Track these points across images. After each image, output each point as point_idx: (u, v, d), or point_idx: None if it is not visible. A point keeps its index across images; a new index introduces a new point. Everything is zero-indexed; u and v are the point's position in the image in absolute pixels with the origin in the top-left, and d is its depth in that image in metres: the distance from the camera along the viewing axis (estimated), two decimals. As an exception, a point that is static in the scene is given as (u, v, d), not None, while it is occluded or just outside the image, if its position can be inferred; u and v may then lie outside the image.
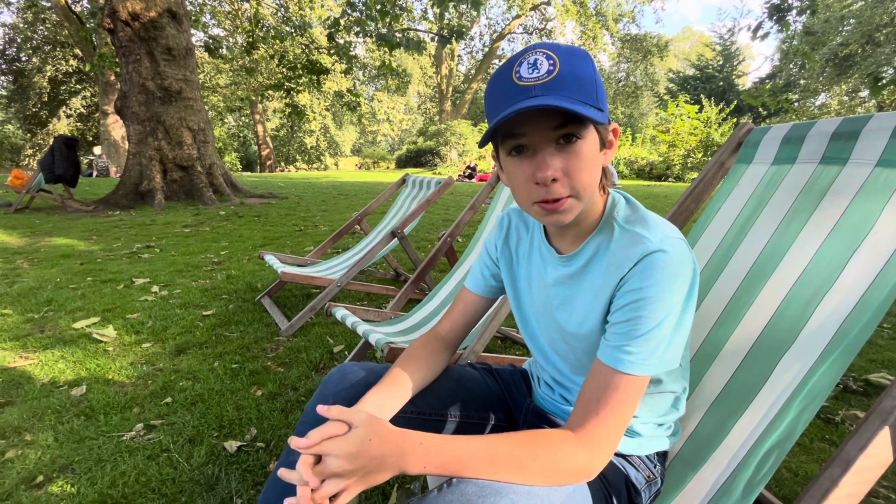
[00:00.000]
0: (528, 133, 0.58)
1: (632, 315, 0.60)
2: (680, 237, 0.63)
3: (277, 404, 1.55)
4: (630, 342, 0.59)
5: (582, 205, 0.62)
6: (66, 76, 21.33)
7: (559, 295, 0.71)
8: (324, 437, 0.54)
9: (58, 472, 1.23)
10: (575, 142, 0.58)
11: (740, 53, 25.46)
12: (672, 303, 0.59)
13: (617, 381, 0.60)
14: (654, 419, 0.74)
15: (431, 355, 0.80)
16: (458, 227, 2.16)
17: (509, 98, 0.56)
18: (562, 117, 0.56)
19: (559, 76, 0.55)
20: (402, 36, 6.67)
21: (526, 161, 0.59)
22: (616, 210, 0.68)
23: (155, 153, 6.66)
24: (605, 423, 0.59)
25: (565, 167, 0.58)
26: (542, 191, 0.59)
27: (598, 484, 0.65)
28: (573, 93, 0.55)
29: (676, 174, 14.24)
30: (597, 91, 0.58)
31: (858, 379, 1.74)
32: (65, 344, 2.02)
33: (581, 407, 0.61)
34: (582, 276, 0.68)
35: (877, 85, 4.52)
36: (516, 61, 0.57)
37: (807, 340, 0.75)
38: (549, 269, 0.73)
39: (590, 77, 0.57)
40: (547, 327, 0.75)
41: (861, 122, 0.84)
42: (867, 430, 0.53)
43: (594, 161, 0.60)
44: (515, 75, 0.56)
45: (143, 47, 6.41)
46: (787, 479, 1.22)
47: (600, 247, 0.67)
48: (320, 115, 24.22)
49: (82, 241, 4.30)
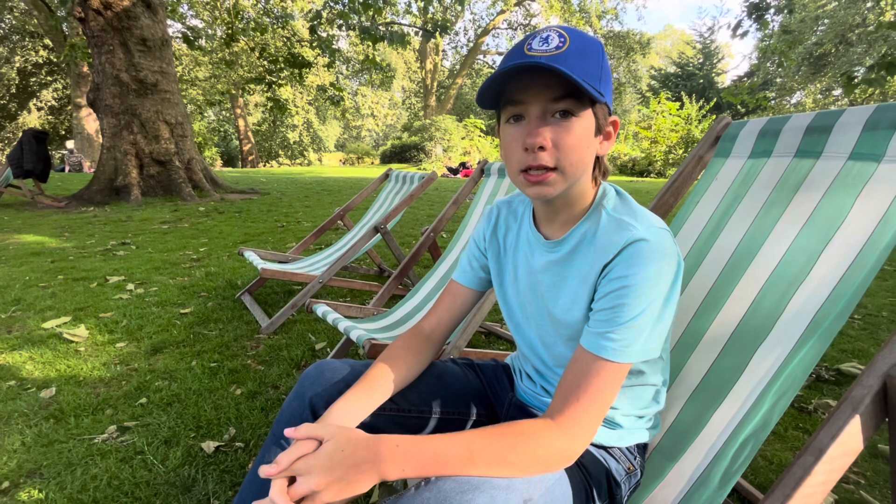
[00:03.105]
0: (526, 101, 0.60)
1: (616, 302, 0.60)
2: (666, 228, 0.64)
3: (257, 403, 1.52)
4: (613, 329, 0.60)
5: (567, 183, 0.63)
6: (36, 67, 20.53)
7: (546, 281, 0.72)
8: (293, 459, 0.53)
9: (25, 477, 1.18)
10: (570, 118, 0.60)
11: (720, 52, 25.93)
12: (656, 292, 0.60)
13: (598, 367, 0.60)
14: (634, 411, 0.74)
15: (413, 353, 0.79)
16: (441, 223, 2.15)
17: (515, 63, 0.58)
18: (560, 90, 0.59)
19: (567, 52, 0.57)
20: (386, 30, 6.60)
21: (520, 128, 0.62)
22: (606, 199, 0.69)
23: (130, 147, 6.46)
24: (585, 409, 0.59)
25: (555, 139, 0.60)
26: (530, 157, 0.61)
27: (579, 475, 0.65)
28: (577, 71, 0.57)
29: (658, 170, 14.47)
30: (601, 76, 0.60)
31: (830, 368, 1.79)
32: (34, 344, 1.95)
33: (561, 393, 0.61)
34: (569, 261, 0.69)
35: (850, 83, 4.64)
36: (531, 36, 0.60)
37: (782, 331, 0.76)
38: (537, 255, 0.73)
39: (596, 62, 0.59)
40: (534, 314, 0.75)
41: (834, 116, 0.85)
42: (838, 419, 0.53)
43: (586, 142, 0.62)
44: (527, 47, 0.59)
45: (117, 37, 6.19)
46: (762, 467, 1.25)
47: (587, 233, 0.67)
48: (303, 110, 23.88)
49: (53, 238, 4.15)
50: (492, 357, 1.32)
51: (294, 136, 27.71)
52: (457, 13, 23.38)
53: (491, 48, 28.11)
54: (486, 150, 19.00)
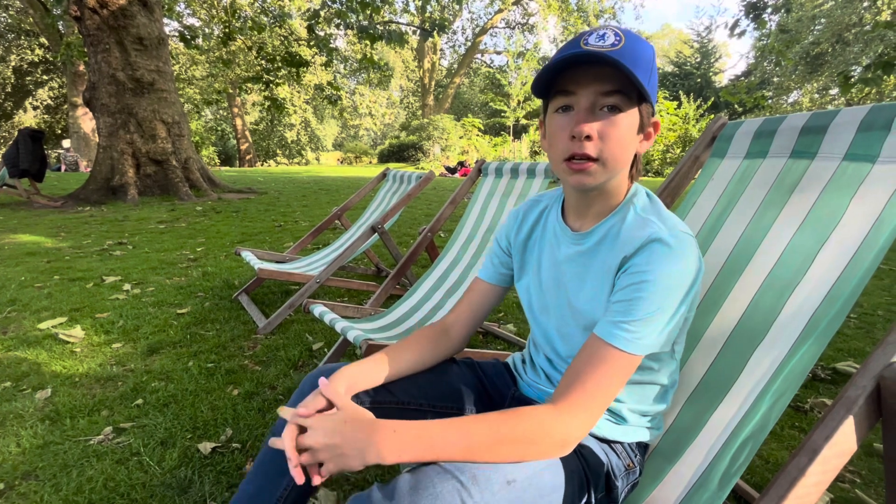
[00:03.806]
0: (577, 91, 0.62)
1: (634, 295, 0.62)
2: (690, 233, 0.66)
3: (254, 403, 1.52)
4: (628, 321, 0.61)
5: (607, 174, 0.65)
6: (31, 66, 20.42)
7: (570, 271, 0.73)
8: (312, 410, 0.61)
9: (20, 479, 1.18)
10: (617, 113, 0.62)
11: (717, 51, 25.98)
12: (675, 291, 0.61)
13: (607, 354, 0.61)
14: (641, 407, 0.74)
15: (427, 342, 0.82)
16: (438, 222, 2.15)
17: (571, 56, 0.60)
18: (612, 85, 0.60)
19: (622, 50, 0.59)
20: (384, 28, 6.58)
21: (568, 118, 0.64)
22: (636, 198, 0.71)
23: (127, 147, 6.43)
24: (589, 395, 0.60)
25: (601, 130, 0.62)
26: (576, 145, 0.62)
27: (576, 465, 0.65)
28: (629, 66, 0.58)
29: (656, 169, 14.49)
30: (650, 77, 0.61)
31: (827, 367, 1.79)
32: (29, 345, 1.94)
33: (567, 379, 0.62)
34: (593, 254, 0.71)
35: (846, 83, 4.66)
36: (588, 32, 0.62)
37: (780, 332, 0.77)
38: (563, 247, 0.75)
39: (647, 63, 0.61)
40: (555, 305, 0.76)
41: (829, 116, 0.85)
42: (832, 420, 0.54)
43: (629, 138, 0.64)
44: (583, 42, 0.61)
45: (113, 36, 6.16)
46: (758, 466, 1.25)
47: (613, 227, 0.69)
48: (301, 109, 23.78)
49: (49, 237, 4.13)
50: (492, 357, 1.32)
51: (292, 136, 27.64)
52: (454, 12, 23.37)
53: (489, 47, 28.09)
54: (483, 150, 18.98)
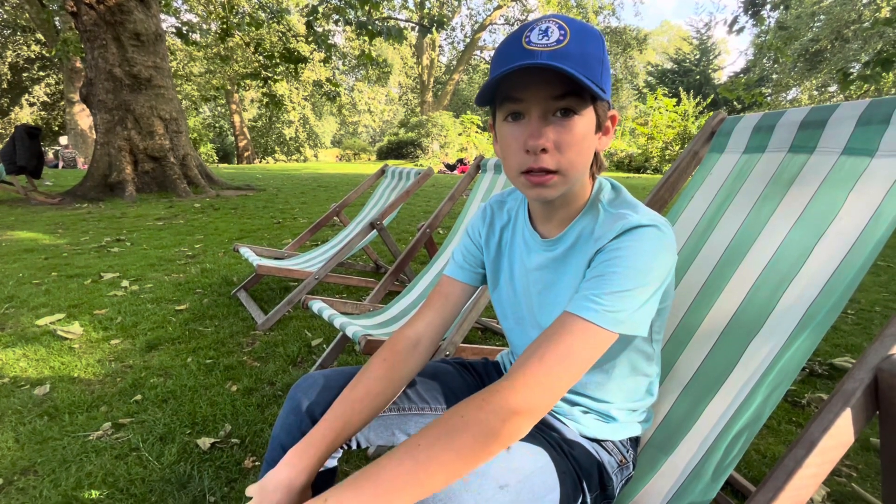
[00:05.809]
0: (526, 98, 0.57)
1: (607, 270, 0.58)
2: (664, 220, 0.63)
3: (253, 399, 1.52)
4: (599, 294, 0.56)
5: (568, 184, 0.61)
6: (28, 62, 20.28)
7: (542, 280, 0.70)
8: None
9: (19, 474, 1.18)
10: (571, 117, 0.57)
11: (716, 48, 25.92)
12: (650, 271, 0.58)
13: (574, 326, 0.55)
14: (629, 404, 0.74)
15: (393, 371, 0.72)
16: (437, 219, 2.15)
17: (514, 59, 0.55)
18: (562, 88, 0.56)
19: (567, 47, 0.54)
20: (383, 24, 6.54)
21: (520, 127, 0.59)
22: (602, 193, 0.68)
23: (125, 143, 6.40)
24: (547, 368, 0.53)
25: (557, 140, 0.57)
26: (531, 159, 0.58)
27: (568, 466, 0.65)
28: (579, 67, 0.54)
29: (655, 166, 14.49)
30: (602, 72, 0.57)
31: (823, 363, 1.80)
32: (27, 341, 1.93)
33: (525, 353, 0.56)
34: (566, 259, 0.68)
35: (846, 80, 4.67)
36: (529, 27, 0.57)
37: (775, 324, 0.77)
38: (533, 255, 0.72)
39: (597, 56, 0.57)
40: (528, 314, 0.74)
41: (828, 111, 0.85)
42: (830, 412, 0.54)
43: (588, 141, 0.60)
44: (525, 39, 0.56)
45: (110, 32, 6.12)
46: (755, 460, 1.26)
47: (584, 230, 0.66)
48: (299, 106, 23.72)
49: (47, 234, 4.12)
50: (484, 356, 1.32)
51: (290, 132, 27.54)
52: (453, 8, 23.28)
53: (488, 44, 27.99)
54: (482, 146, 18.96)
